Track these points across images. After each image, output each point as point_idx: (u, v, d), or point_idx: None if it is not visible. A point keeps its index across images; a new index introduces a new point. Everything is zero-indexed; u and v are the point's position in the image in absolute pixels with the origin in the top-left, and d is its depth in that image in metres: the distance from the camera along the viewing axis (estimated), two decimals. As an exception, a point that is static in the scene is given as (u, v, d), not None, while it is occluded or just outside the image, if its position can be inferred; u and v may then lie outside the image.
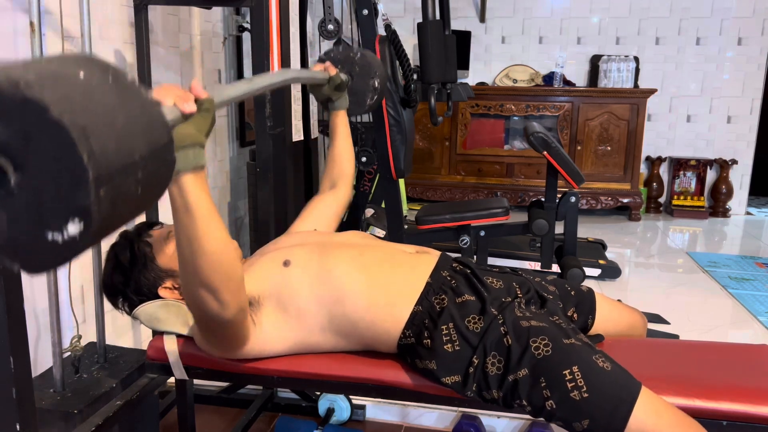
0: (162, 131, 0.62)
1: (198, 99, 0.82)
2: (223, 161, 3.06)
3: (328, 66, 1.42)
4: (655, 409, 1.00)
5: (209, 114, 0.84)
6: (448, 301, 1.14)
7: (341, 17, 3.43)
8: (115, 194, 0.54)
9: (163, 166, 0.63)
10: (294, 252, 1.20)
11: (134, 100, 0.59)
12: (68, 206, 0.52)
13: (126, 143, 0.55)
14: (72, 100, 0.51)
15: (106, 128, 0.53)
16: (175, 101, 0.79)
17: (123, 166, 0.54)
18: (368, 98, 1.53)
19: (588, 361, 1.04)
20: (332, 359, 1.20)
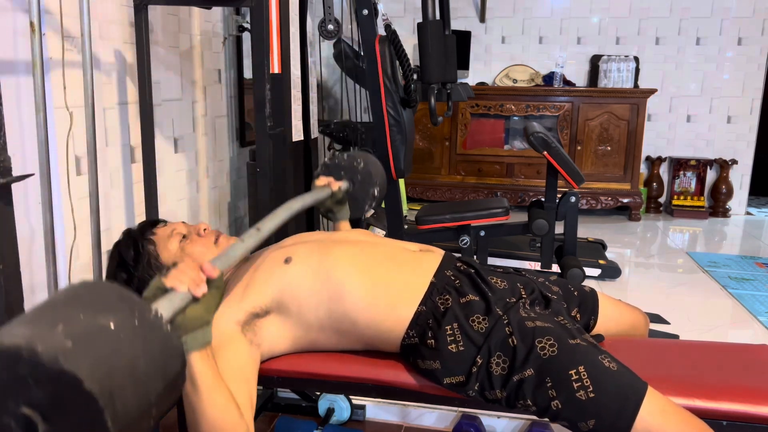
0: (177, 360, 0.67)
1: (209, 279, 0.85)
2: (223, 161, 3.06)
3: (330, 182, 1.47)
4: (661, 408, 1.00)
5: (218, 291, 0.87)
6: (452, 302, 1.14)
7: (341, 17, 3.43)
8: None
9: (174, 393, 0.68)
10: (295, 250, 1.20)
11: (155, 339, 0.64)
12: None
13: (146, 390, 0.60)
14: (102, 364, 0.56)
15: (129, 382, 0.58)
16: (189, 286, 0.82)
17: (140, 413, 0.60)
18: (366, 205, 1.58)
19: (594, 361, 1.04)
20: (332, 359, 1.20)
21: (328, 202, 1.49)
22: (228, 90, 3.08)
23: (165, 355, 0.65)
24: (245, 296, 1.13)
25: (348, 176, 1.55)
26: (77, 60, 1.85)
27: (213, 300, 0.87)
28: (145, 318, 0.64)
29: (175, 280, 0.82)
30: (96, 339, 0.58)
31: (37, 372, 0.54)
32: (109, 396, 0.55)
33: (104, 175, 2.02)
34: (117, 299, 0.64)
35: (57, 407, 0.55)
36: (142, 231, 1.28)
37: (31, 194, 1.67)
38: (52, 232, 1.44)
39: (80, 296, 0.63)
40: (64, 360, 0.54)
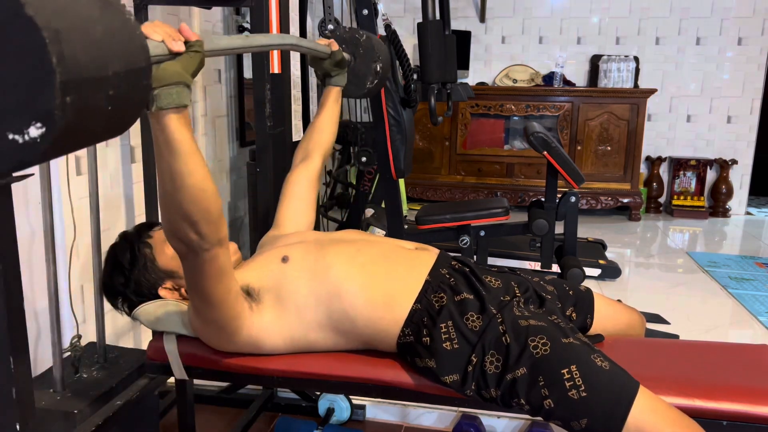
0: (140, 54, 0.62)
1: (187, 40, 0.82)
2: (223, 161, 3.06)
3: (331, 42, 1.43)
4: (652, 408, 1.00)
5: (197, 55, 0.83)
6: (447, 300, 1.14)
7: (341, 17, 3.43)
8: (82, 104, 0.53)
9: (137, 90, 0.62)
10: (292, 249, 1.21)
11: (116, 17, 0.59)
12: (31, 108, 0.51)
13: (100, 55, 0.55)
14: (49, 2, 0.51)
15: (80, 35, 0.53)
16: (163, 38, 0.79)
17: (94, 78, 0.54)
18: (368, 81, 1.53)
19: (586, 361, 1.04)
20: (332, 359, 1.20)
21: (326, 64, 1.44)
22: (228, 90, 3.08)
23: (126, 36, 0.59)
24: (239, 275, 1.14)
25: (350, 50, 1.51)
26: (77, 60, 1.85)
27: (191, 62, 0.82)
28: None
29: (149, 29, 0.78)
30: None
31: None
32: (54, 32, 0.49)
33: (104, 175, 2.02)
34: None
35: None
36: (139, 234, 1.28)
37: (31, 194, 1.67)
38: (52, 232, 1.44)
39: None
40: None
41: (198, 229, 0.91)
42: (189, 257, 0.96)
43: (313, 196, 1.46)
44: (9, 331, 0.91)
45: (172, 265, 1.24)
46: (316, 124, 1.51)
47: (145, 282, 1.24)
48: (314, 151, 1.49)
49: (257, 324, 1.13)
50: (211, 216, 0.92)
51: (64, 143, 0.54)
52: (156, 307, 1.23)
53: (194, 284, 1.02)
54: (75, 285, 1.82)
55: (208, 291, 1.02)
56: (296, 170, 1.47)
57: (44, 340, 1.67)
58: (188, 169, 0.86)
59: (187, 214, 0.90)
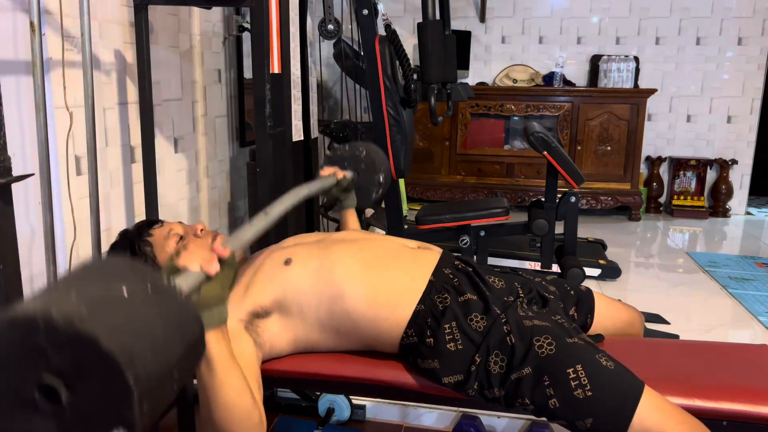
0: (195, 326, 0.68)
1: (221, 258, 0.85)
2: (223, 161, 3.06)
3: (335, 171, 1.48)
4: (658, 407, 1.00)
5: (232, 269, 0.87)
6: (450, 300, 1.14)
7: (341, 17, 3.43)
8: (155, 401, 0.60)
9: (195, 359, 0.69)
10: (295, 251, 1.21)
11: (170, 305, 0.65)
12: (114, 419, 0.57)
13: (165, 352, 0.61)
14: (119, 327, 0.57)
15: (148, 345, 0.59)
16: (201, 265, 0.81)
17: (163, 376, 0.60)
18: (373, 192, 1.59)
19: (591, 360, 1.04)
20: (332, 359, 1.20)
21: (334, 191, 1.51)
22: (228, 90, 3.08)
23: (182, 320, 0.65)
24: (246, 296, 1.13)
25: (352, 166, 1.56)
26: (77, 60, 1.85)
27: (227, 278, 0.86)
28: (158, 285, 0.65)
29: (187, 260, 0.82)
30: (110, 303, 0.59)
31: (54, 338, 0.54)
32: (128, 356, 0.55)
33: (104, 175, 2.02)
34: (128, 269, 0.65)
35: (78, 373, 0.56)
36: (139, 232, 1.28)
37: (31, 194, 1.67)
38: (52, 232, 1.44)
39: (92, 268, 0.64)
40: (79, 322, 0.54)
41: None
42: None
43: None
44: (9, 331, 0.91)
45: None
46: None
47: None
48: None
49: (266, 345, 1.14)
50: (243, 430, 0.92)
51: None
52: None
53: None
54: (75, 285, 1.82)
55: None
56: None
57: (44, 340, 1.67)
58: (223, 383, 0.89)
59: (219, 427, 0.91)
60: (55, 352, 0.55)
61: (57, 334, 0.54)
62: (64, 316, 0.55)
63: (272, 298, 1.14)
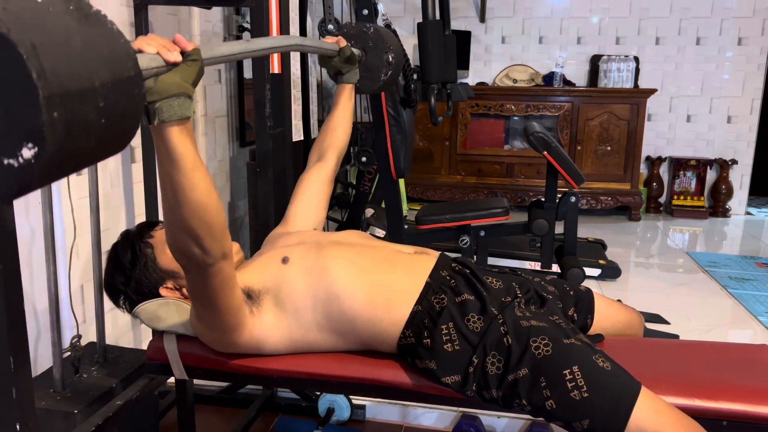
0: (127, 62, 0.60)
1: (183, 50, 0.79)
2: (223, 161, 3.06)
3: (339, 39, 1.41)
4: (654, 408, 1.00)
5: (196, 64, 0.81)
6: (447, 301, 1.14)
7: (341, 17, 3.43)
8: (71, 118, 0.52)
9: (130, 100, 0.61)
10: (293, 250, 1.21)
11: (96, 28, 0.57)
12: (20, 128, 0.50)
13: (83, 67, 0.53)
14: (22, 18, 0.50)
15: (59, 49, 0.52)
16: (158, 50, 0.76)
17: (79, 91, 0.53)
18: (382, 73, 1.49)
19: (588, 361, 1.04)
20: (332, 359, 1.20)
21: (336, 62, 1.42)
22: (228, 90, 3.08)
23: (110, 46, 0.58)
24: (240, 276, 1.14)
25: (359, 45, 1.48)
26: (77, 60, 1.85)
27: (190, 71, 0.80)
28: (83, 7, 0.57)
29: (142, 42, 0.76)
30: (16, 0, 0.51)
31: None
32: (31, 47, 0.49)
33: (104, 175, 2.02)
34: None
35: None
36: (140, 233, 1.28)
37: (31, 194, 1.67)
38: (52, 232, 1.44)
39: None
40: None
41: (201, 243, 0.90)
42: (192, 271, 0.96)
43: (326, 195, 1.45)
44: (9, 331, 0.91)
45: (174, 265, 1.24)
46: (330, 123, 1.50)
47: (146, 281, 1.24)
48: (328, 150, 1.48)
49: (258, 326, 1.13)
50: (215, 231, 0.91)
51: (60, 162, 0.53)
52: (157, 306, 1.23)
53: (197, 294, 1.02)
54: (75, 285, 1.82)
55: (211, 301, 1.02)
56: (310, 170, 1.46)
57: (44, 340, 1.67)
58: (191, 183, 0.85)
59: (190, 228, 0.89)
60: None
61: None
62: None
63: (263, 284, 1.14)
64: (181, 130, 0.82)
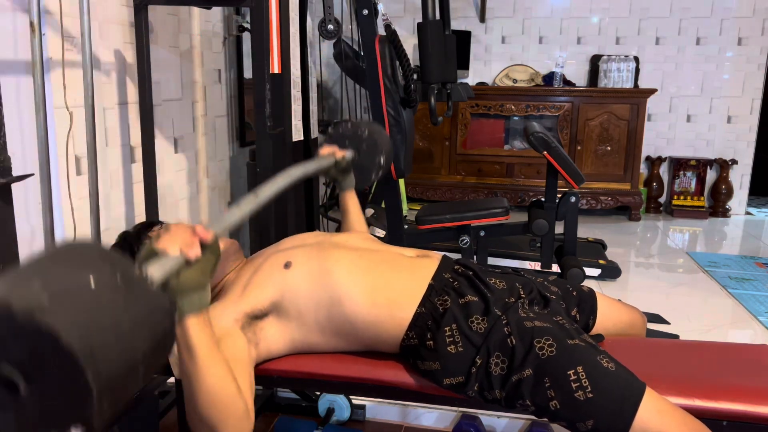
0: (165, 320, 0.65)
1: (203, 242, 0.83)
2: (223, 161, 3.06)
3: (334, 151, 1.47)
4: (659, 409, 1.00)
5: (214, 254, 0.85)
6: (451, 302, 1.14)
7: (341, 17, 3.43)
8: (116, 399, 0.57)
9: (163, 353, 0.66)
10: (295, 253, 1.20)
11: (140, 296, 0.62)
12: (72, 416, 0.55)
13: (130, 347, 0.59)
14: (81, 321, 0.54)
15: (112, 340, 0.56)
16: (181, 248, 0.79)
17: (125, 372, 0.58)
18: (373, 174, 1.57)
19: (592, 362, 1.04)
20: (332, 359, 1.20)
21: (332, 171, 1.48)
22: (228, 90, 3.08)
23: (151, 312, 0.63)
24: (243, 297, 1.13)
25: (353, 145, 1.54)
26: (77, 60, 1.85)
27: (208, 263, 0.84)
28: (128, 276, 0.62)
29: (166, 243, 0.79)
30: (75, 295, 0.56)
31: (12, 329, 0.52)
32: (89, 353, 0.53)
33: (104, 175, 2.02)
34: (98, 257, 0.61)
35: (37, 366, 0.54)
36: (138, 234, 1.28)
37: (31, 194, 1.67)
38: (52, 232, 1.43)
39: (60, 254, 0.61)
40: (40, 315, 0.52)
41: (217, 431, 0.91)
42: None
43: None
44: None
45: None
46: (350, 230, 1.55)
47: None
48: None
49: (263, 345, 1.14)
50: (231, 420, 0.91)
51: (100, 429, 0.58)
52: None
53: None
54: (75, 285, 1.82)
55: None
56: None
57: (44, 340, 1.67)
58: (205, 371, 0.87)
59: (204, 417, 0.90)
60: (13, 343, 0.53)
61: (15, 324, 0.52)
62: (24, 307, 0.52)
63: (270, 300, 1.14)
64: (199, 321, 0.86)
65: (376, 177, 1.58)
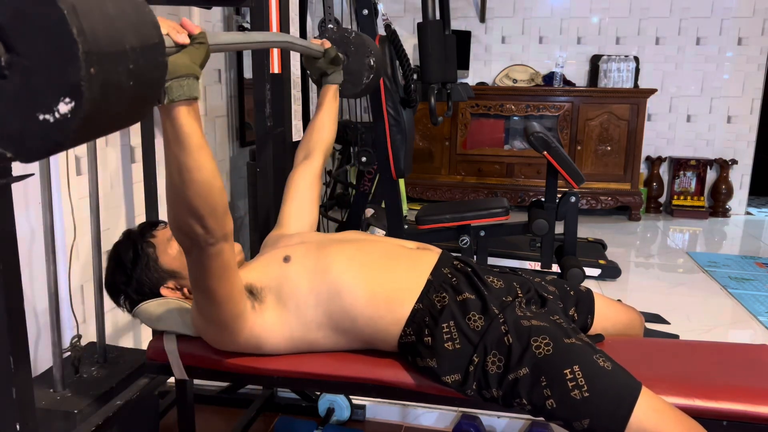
0: (153, 31, 0.63)
1: (191, 33, 0.82)
2: (223, 161, 3.06)
3: (324, 41, 1.45)
4: (655, 408, 1.00)
5: (203, 46, 0.83)
6: (449, 299, 1.14)
7: (341, 17, 3.43)
8: (105, 78, 0.54)
9: (156, 67, 0.63)
10: (294, 249, 1.21)
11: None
12: (59, 84, 0.51)
13: (116, 30, 0.55)
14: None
15: (95, 11, 0.53)
16: (168, 31, 0.79)
17: (113, 52, 0.55)
18: (364, 77, 1.55)
19: (589, 361, 1.04)
20: (332, 359, 1.20)
21: (321, 63, 1.46)
22: (228, 90, 3.08)
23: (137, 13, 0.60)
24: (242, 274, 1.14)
25: (341, 49, 1.53)
26: (77, 60, 1.85)
27: (197, 53, 0.83)
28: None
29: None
30: None
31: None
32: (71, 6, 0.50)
33: (104, 175, 2.02)
34: None
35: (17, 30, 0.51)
36: (142, 233, 1.28)
37: (31, 194, 1.67)
38: (52, 232, 1.44)
39: None
40: None
41: (204, 223, 0.91)
42: (194, 252, 0.96)
43: (315, 194, 1.46)
44: (9, 331, 0.91)
45: (175, 265, 1.24)
46: (316, 123, 1.52)
47: (147, 281, 1.24)
48: (315, 149, 1.50)
49: (259, 323, 1.13)
50: (218, 211, 0.92)
51: (93, 121, 0.54)
52: (157, 306, 1.23)
53: (198, 281, 1.02)
54: (75, 285, 1.82)
55: (211, 288, 1.02)
56: (298, 170, 1.47)
57: (44, 340, 1.67)
58: (197, 163, 0.86)
59: (194, 208, 0.90)
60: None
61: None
62: None
63: (266, 282, 1.15)
64: (189, 111, 0.84)
65: (368, 80, 1.55)
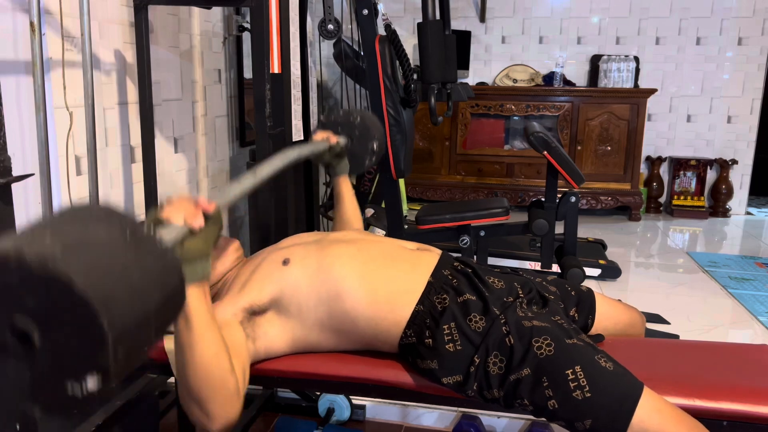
0: (174, 276, 0.66)
1: (206, 213, 0.85)
2: (223, 161, 3.06)
3: (328, 136, 1.48)
4: (657, 408, 1.00)
5: (216, 225, 0.87)
6: (449, 301, 1.14)
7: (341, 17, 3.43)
8: (131, 347, 0.58)
9: (174, 309, 0.67)
10: (293, 251, 1.21)
11: (149, 253, 0.63)
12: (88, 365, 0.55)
13: (142, 299, 0.59)
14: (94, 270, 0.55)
15: (124, 290, 0.57)
16: (185, 218, 0.81)
17: (139, 321, 0.58)
18: (366, 160, 1.58)
19: (590, 361, 1.04)
20: (332, 359, 1.20)
21: (326, 156, 1.50)
22: (228, 90, 3.08)
23: (161, 268, 0.64)
24: (242, 293, 1.13)
25: (345, 132, 1.56)
26: (77, 60, 1.85)
27: (211, 233, 0.86)
28: (137, 232, 0.63)
29: (171, 213, 0.81)
30: (86, 247, 0.57)
31: (26, 278, 0.53)
32: (103, 300, 0.54)
33: (104, 175, 2.02)
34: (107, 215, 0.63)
35: (51, 316, 0.54)
36: None
37: (31, 194, 1.67)
38: (52, 232, 1.43)
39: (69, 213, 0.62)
40: (52, 264, 0.53)
41: (205, 408, 0.91)
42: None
43: None
44: (9, 331, 0.91)
45: None
46: (344, 216, 1.56)
47: None
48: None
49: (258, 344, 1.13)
50: (220, 396, 0.91)
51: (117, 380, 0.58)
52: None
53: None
54: (75, 285, 1.82)
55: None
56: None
57: (44, 340, 1.67)
58: (199, 343, 0.87)
59: (195, 391, 0.90)
60: (27, 294, 0.53)
61: (29, 274, 0.52)
62: (37, 256, 0.52)
63: (269, 296, 1.14)
64: (199, 291, 0.87)
65: (370, 162, 1.59)
